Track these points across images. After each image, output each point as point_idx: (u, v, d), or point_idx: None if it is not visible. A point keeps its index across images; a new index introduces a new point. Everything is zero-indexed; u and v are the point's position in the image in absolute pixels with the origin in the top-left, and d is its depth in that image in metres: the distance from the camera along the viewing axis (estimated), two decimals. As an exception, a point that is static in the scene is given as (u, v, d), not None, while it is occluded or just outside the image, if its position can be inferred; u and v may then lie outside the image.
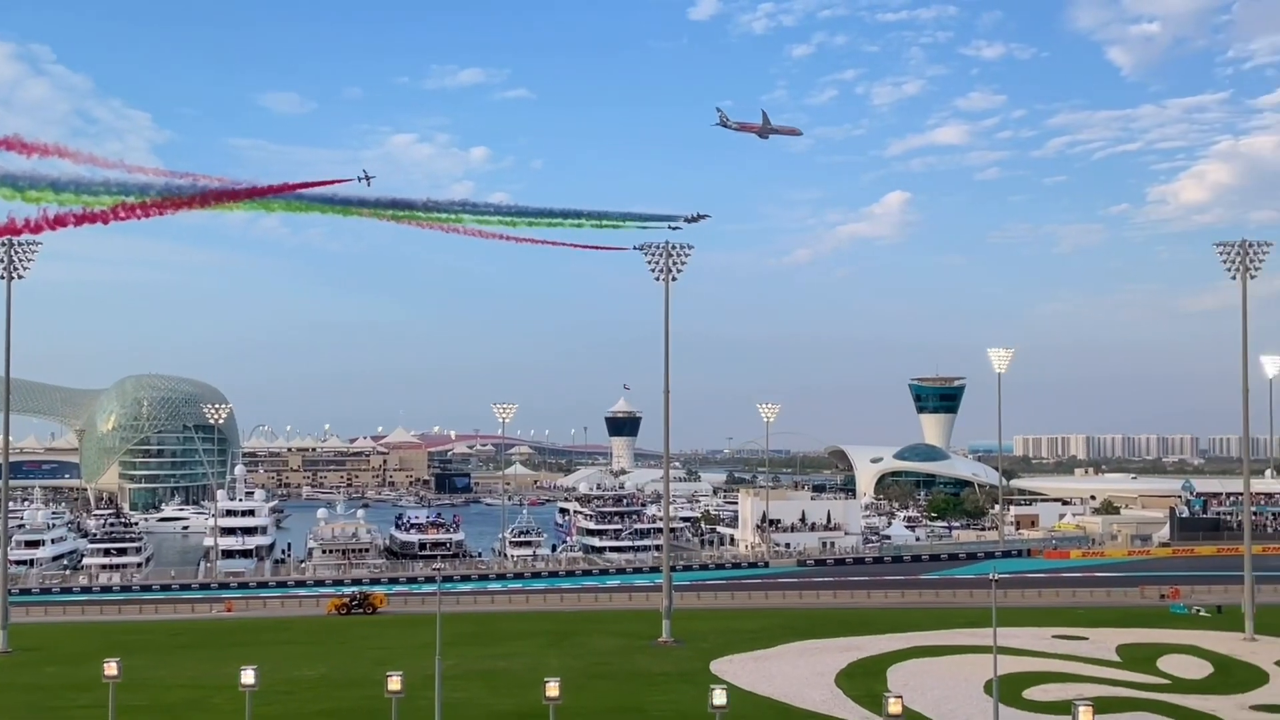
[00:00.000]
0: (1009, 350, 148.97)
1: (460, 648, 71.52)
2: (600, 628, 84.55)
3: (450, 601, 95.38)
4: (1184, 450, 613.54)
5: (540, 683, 46.54)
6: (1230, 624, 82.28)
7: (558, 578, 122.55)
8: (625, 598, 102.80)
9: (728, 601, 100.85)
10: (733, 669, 66.19)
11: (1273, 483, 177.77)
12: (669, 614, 79.70)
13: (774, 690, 60.64)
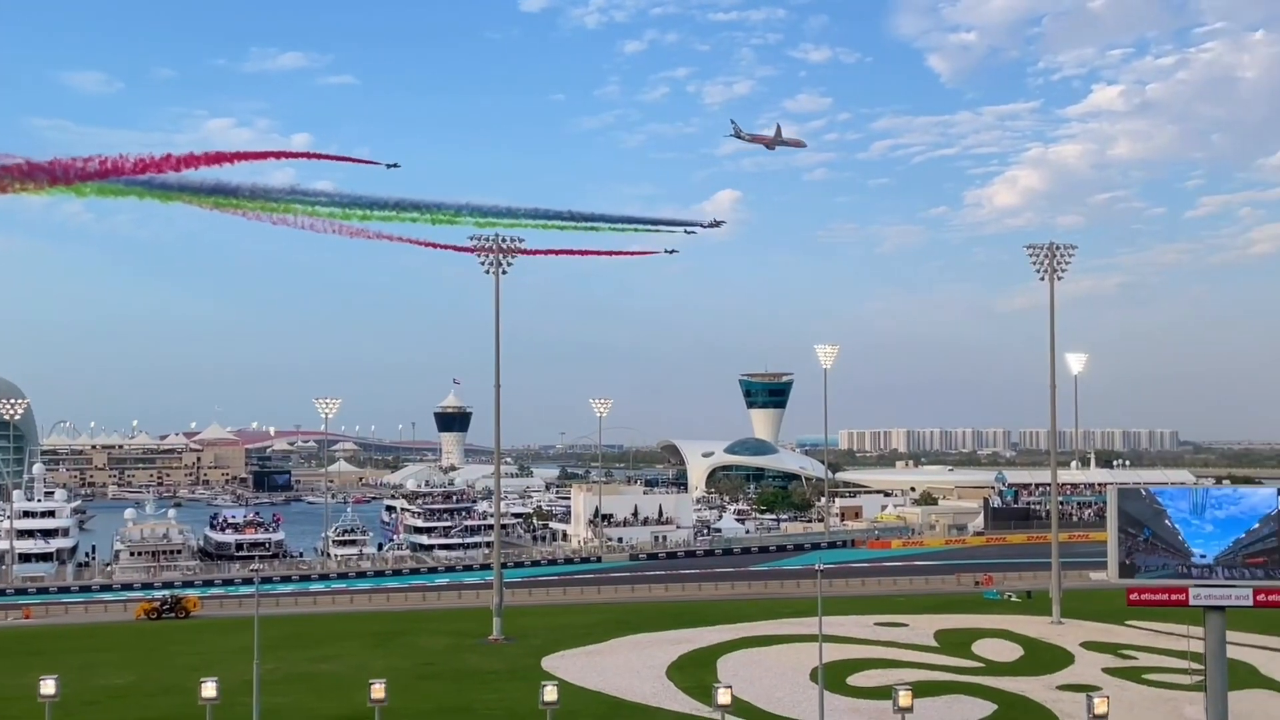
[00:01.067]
0: (834, 347, 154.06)
1: (280, 651, 69.18)
2: (428, 627, 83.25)
3: (269, 603, 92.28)
4: (997, 443, 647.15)
5: (365, 685, 45.50)
6: (1039, 608, 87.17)
7: (384, 577, 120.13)
8: (455, 596, 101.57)
9: (560, 597, 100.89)
10: (564, 665, 66.21)
11: (1078, 474, 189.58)
12: (500, 611, 79.11)
13: (605, 685, 60.94)
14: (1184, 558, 42.31)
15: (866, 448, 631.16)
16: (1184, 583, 43.07)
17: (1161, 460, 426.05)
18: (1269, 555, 41.93)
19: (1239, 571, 41.92)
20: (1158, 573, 42.37)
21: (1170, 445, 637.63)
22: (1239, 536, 42.35)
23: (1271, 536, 42.31)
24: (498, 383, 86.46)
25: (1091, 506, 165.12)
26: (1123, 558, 42.72)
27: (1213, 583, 42.79)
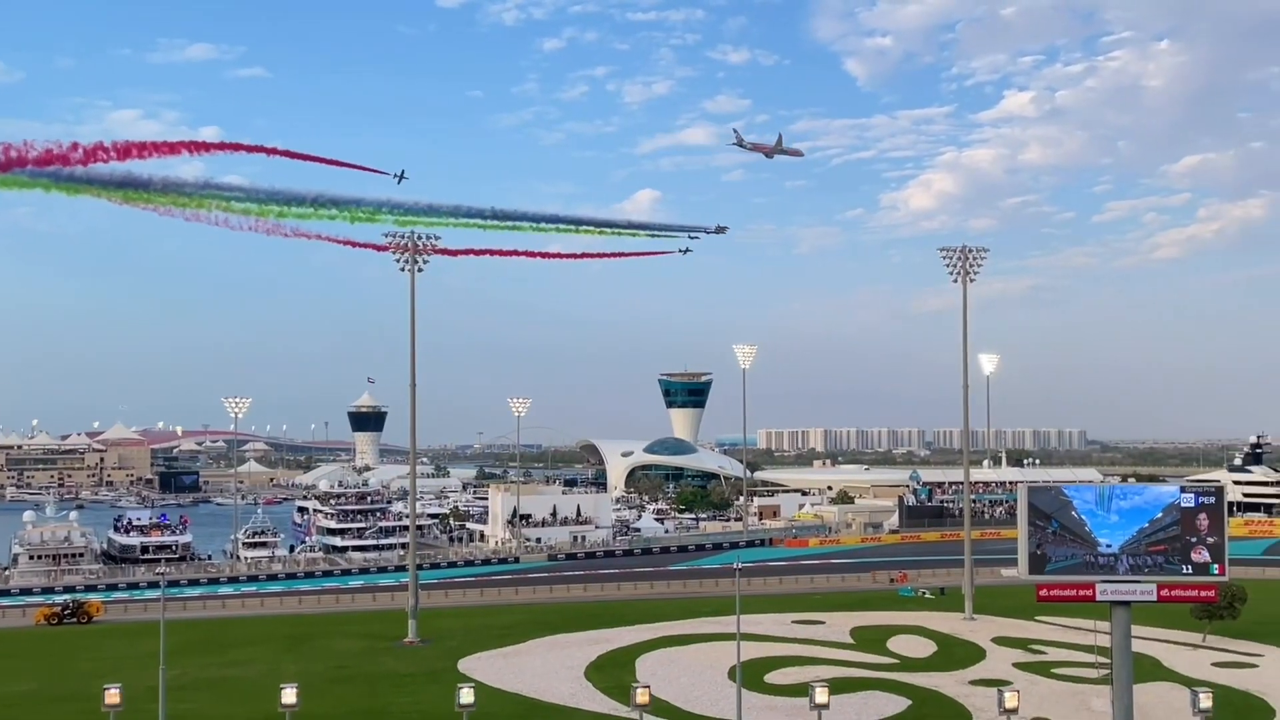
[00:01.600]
0: (753, 347, 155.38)
1: (187, 656, 67.68)
2: (342, 630, 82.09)
3: (176, 607, 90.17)
4: (912, 443, 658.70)
5: (276, 690, 44.78)
6: (952, 605, 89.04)
7: (296, 579, 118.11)
8: (369, 598, 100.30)
9: (477, 599, 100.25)
10: (481, 666, 65.85)
11: (990, 473, 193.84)
12: (415, 613, 78.37)
13: (523, 686, 60.76)
14: (1091, 547, 43.59)
15: (785, 447, 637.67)
16: (1091, 579, 44.27)
17: (1070, 459, 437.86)
18: (1169, 543, 43.50)
19: (1142, 559, 43.32)
20: (1066, 563, 43.57)
21: (1078, 444, 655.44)
22: (1142, 526, 43.89)
23: (1173, 525, 43.85)
24: (413, 382, 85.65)
25: (1003, 504, 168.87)
26: (1033, 549, 43.86)
27: (1119, 579, 44.04)
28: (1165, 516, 43.48)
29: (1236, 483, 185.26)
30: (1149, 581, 44.19)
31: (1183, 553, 43.09)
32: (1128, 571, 43.31)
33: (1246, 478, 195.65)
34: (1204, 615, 69.67)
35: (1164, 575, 43.15)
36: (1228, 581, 49.21)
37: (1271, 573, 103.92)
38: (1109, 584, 44.25)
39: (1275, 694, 57.55)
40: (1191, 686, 46.25)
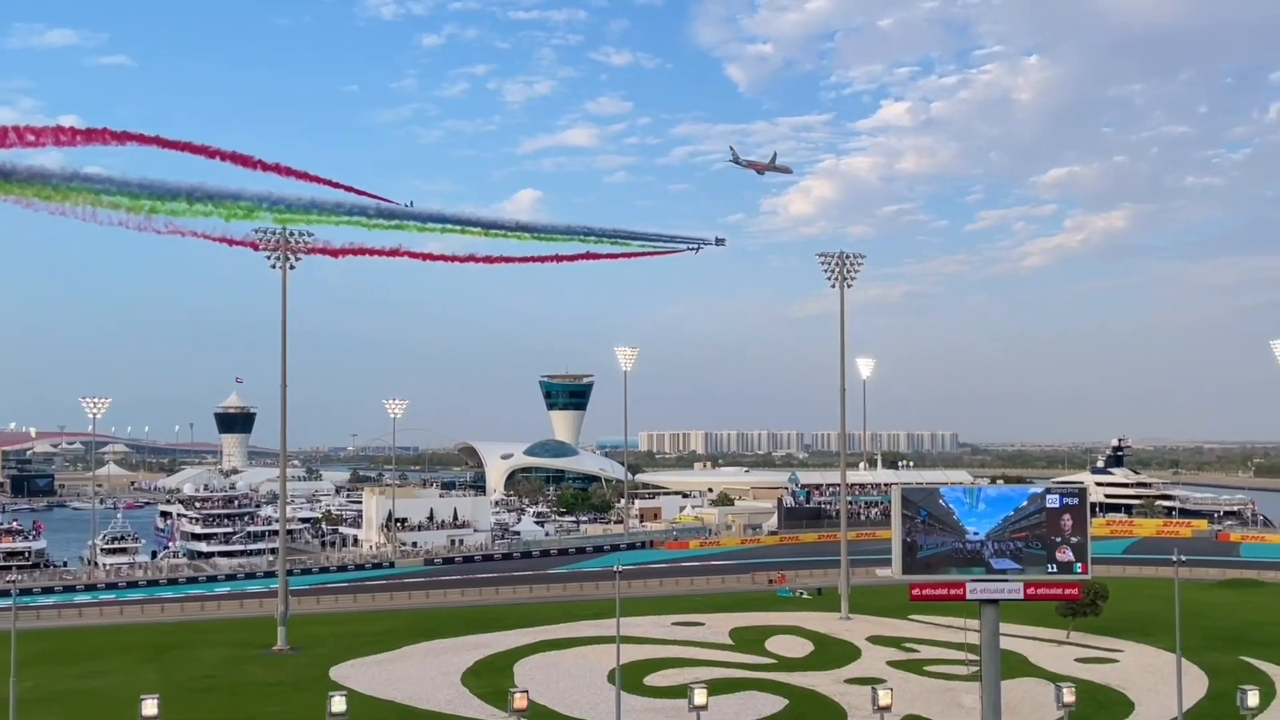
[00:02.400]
0: (634, 349, 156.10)
1: (41, 667, 64.94)
2: (208, 638, 79.70)
3: (28, 617, 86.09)
4: (791, 445, 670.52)
5: (136, 701, 43.22)
6: (829, 605, 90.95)
7: (158, 586, 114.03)
8: (236, 605, 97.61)
9: (350, 604, 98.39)
10: (354, 674, 64.71)
11: (866, 474, 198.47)
12: (284, 620, 76.60)
13: (397, 694, 59.92)
14: (959, 535, 45.23)
15: (666, 449, 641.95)
16: (961, 578, 45.76)
17: (943, 461, 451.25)
18: (1032, 530, 45.46)
19: (1006, 545, 45.19)
20: (935, 550, 45.20)
21: (951, 447, 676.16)
22: (1008, 514, 45.90)
23: (1037, 513, 45.91)
24: (284, 382, 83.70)
25: (878, 506, 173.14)
26: (904, 536, 45.32)
27: (987, 578, 45.63)
28: (1030, 505, 45.71)
29: (1099, 484, 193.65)
30: (1016, 580, 45.91)
31: (1043, 540, 45.08)
32: (993, 556, 45.05)
33: (1108, 479, 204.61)
34: (1068, 613, 72.60)
35: (1029, 568, 44.93)
36: (1090, 580, 51.45)
37: (1131, 571, 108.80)
38: (978, 583, 45.80)
39: (1134, 688, 60.33)
40: (1056, 682, 48.11)
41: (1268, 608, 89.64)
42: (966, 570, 44.99)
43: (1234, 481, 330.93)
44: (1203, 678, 61.26)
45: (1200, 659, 64.44)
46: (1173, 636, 50.92)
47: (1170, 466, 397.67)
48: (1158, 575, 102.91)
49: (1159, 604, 78.43)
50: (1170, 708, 51.20)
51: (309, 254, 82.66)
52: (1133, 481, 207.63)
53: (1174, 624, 50.40)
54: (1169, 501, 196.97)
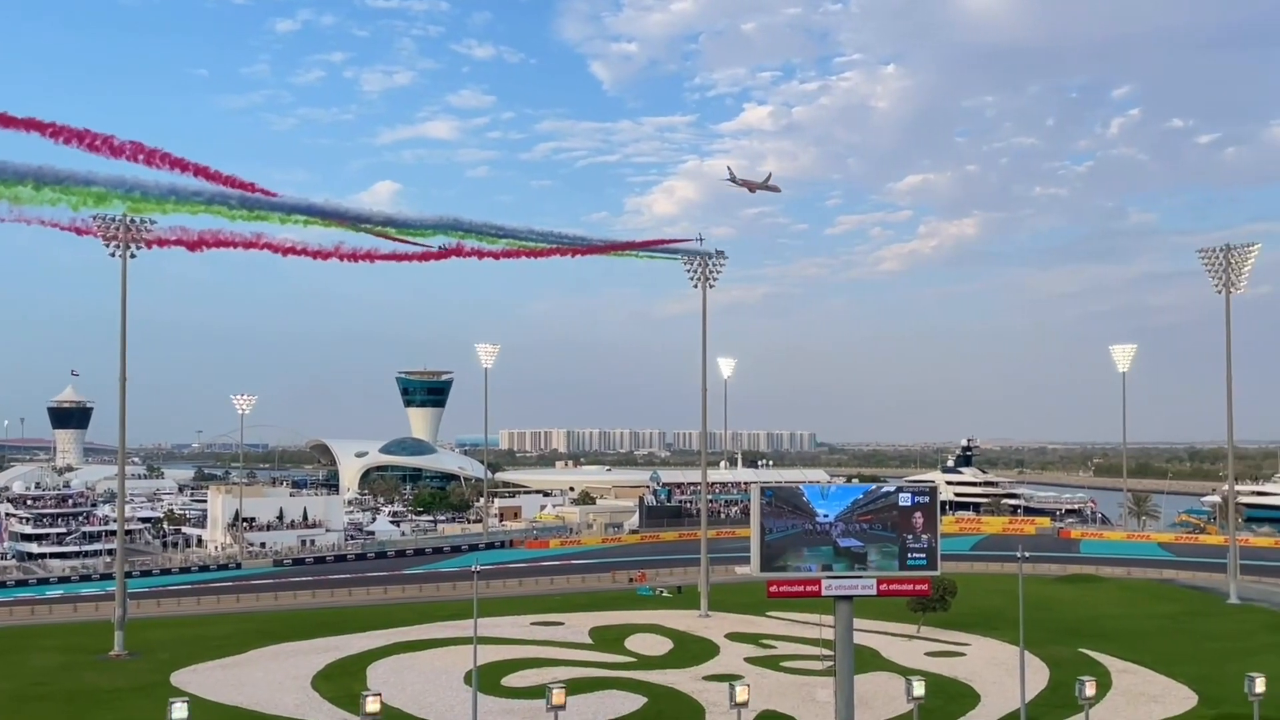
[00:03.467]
0: (495, 346, 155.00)
1: None
2: (39, 644, 75.92)
3: None
4: (653, 444, 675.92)
5: (-43, 712, 40.99)
6: (688, 603, 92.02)
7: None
8: (70, 609, 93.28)
9: (194, 607, 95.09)
10: (197, 679, 62.60)
11: (727, 473, 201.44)
12: (122, 624, 73.56)
13: (244, 699, 58.21)
14: (809, 517, 46.99)
15: (527, 448, 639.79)
16: (817, 575, 47.02)
17: (801, 460, 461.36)
18: (877, 514, 47.47)
19: (854, 526, 47.11)
20: (786, 533, 46.76)
21: (809, 446, 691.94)
22: (857, 498, 48.39)
23: (882, 498, 48.41)
24: (123, 375, 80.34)
25: (738, 504, 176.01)
26: (761, 528, 46.58)
27: (842, 575, 47.05)
28: (876, 489, 49.18)
29: (949, 483, 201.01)
30: (870, 577, 47.40)
31: (892, 526, 47.30)
32: (840, 536, 46.83)
33: (958, 478, 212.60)
34: (919, 608, 75.10)
35: (871, 545, 47.01)
36: (940, 576, 53.46)
37: (979, 567, 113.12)
38: (834, 579, 47.14)
39: (980, 680, 62.75)
40: (906, 675, 49.73)
41: (1105, 601, 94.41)
42: (816, 551, 46.69)
43: (1075, 481, 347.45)
44: (1044, 669, 64.10)
45: (1042, 651, 67.42)
46: (1017, 630, 53.18)
47: (1016, 466, 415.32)
48: (1003, 571, 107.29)
49: (1004, 599, 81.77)
50: (1014, 699, 53.45)
51: (163, 245, 78.98)
52: (980, 481, 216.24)
53: (1018, 618, 52.64)
54: (1014, 500, 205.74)
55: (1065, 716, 52.35)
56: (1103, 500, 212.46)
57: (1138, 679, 62.99)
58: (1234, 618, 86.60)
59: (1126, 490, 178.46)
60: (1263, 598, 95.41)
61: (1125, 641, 74.02)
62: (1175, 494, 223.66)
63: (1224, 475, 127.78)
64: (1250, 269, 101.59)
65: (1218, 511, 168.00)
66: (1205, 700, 57.16)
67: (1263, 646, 72.72)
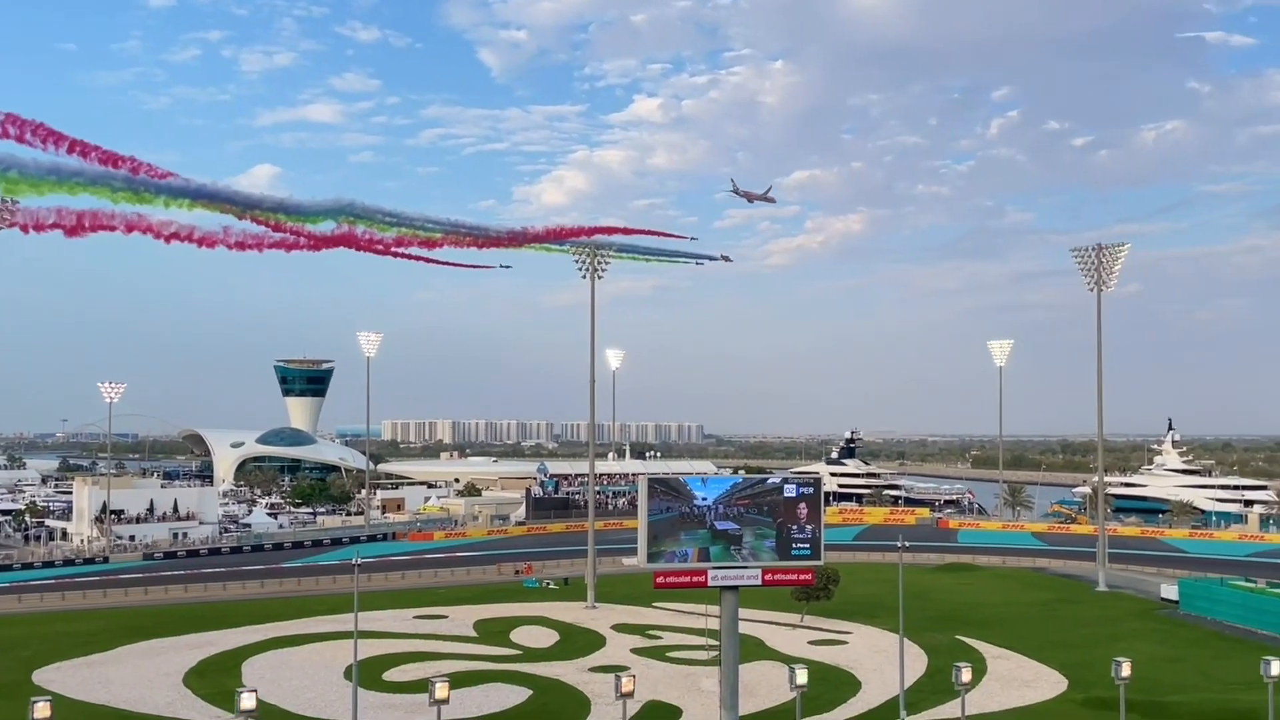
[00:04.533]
0: (378, 335, 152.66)
1: None
2: (-116, 645, 72.36)
3: None
4: (541, 435, 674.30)
5: None
6: (575, 595, 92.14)
7: None
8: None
9: (58, 603, 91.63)
10: (60, 677, 60.42)
11: (615, 465, 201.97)
12: (-20, 622, 70.60)
13: (111, 697, 56.39)
14: (688, 500, 47.83)
15: (411, 439, 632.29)
16: (703, 565, 47.61)
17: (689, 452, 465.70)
18: (753, 498, 48.59)
19: (733, 509, 48.10)
20: (664, 515, 47.49)
21: (697, 438, 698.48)
22: (736, 483, 50.28)
23: (760, 483, 50.11)
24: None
25: (626, 496, 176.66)
26: (648, 518, 47.25)
27: (728, 565, 47.73)
28: (751, 480, 51.39)
29: (833, 474, 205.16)
30: (755, 567, 48.14)
31: (766, 512, 48.38)
32: (717, 519, 47.74)
33: (841, 469, 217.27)
34: (803, 597, 76.41)
35: (747, 529, 48.12)
36: (824, 566, 54.49)
37: (861, 556, 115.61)
38: (719, 570, 47.76)
39: (861, 667, 64.24)
40: (790, 664, 50.53)
41: (981, 589, 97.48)
42: (693, 534, 47.50)
43: (953, 473, 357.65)
44: (923, 657, 65.91)
45: (921, 639, 69.29)
46: (897, 618, 54.55)
47: (897, 458, 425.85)
48: (884, 560, 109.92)
49: (885, 587, 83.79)
50: (893, 686, 54.85)
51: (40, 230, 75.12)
52: (863, 472, 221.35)
53: (898, 606, 54.02)
54: (895, 491, 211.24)
55: (942, 702, 53.92)
56: (980, 491, 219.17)
57: (1011, 664, 65.22)
58: (1102, 604, 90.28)
59: (1002, 482, 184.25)
60: (1129, 585, 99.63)
61: (1000, 628, 76.58)
62: (1048, 485, 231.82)
63: (1094, 467, 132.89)
64: (1120, 268, 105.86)
65: (1088, 502, 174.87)
66: (1075, 684, 59.47)
67: (1128, 632, 76.02)
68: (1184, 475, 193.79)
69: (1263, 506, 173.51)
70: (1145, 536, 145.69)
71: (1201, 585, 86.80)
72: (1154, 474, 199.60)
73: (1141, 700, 51.79)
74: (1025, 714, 54.11)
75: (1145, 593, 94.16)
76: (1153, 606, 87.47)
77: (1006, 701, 56.25)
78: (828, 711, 53.91)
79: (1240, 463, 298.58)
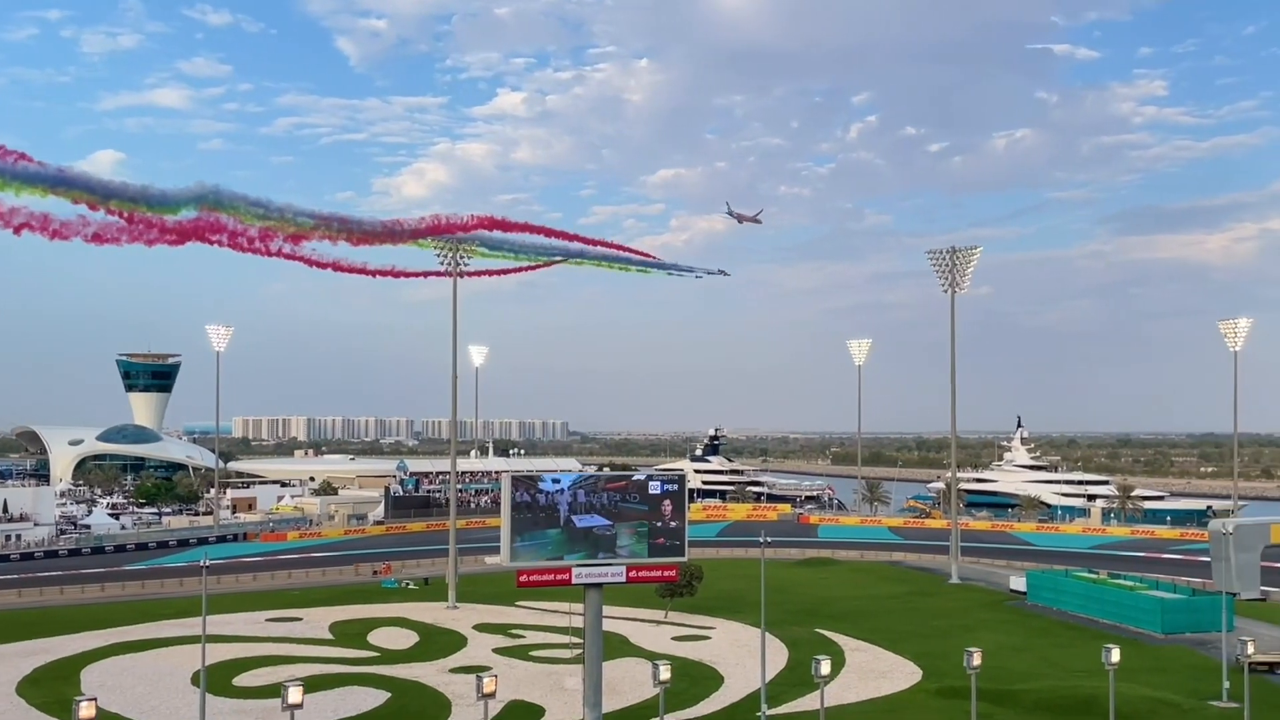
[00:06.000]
0: (229, 329, 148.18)
1: None
2: None
3: None
4: (400, 432, 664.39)
5: None
6: (436, 595, 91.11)
7: None
8: None
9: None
10: (-122, 692, 56.98)
11: (477, 462, 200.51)
12: None
13: (-65, 711, 53.46)
14: (552, 498, 47.92)
15: (264, 436, 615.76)
16: (567, 563, 47.68)
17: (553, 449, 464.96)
18: (618, 495, 48.77)
19: (597, 507, 48.30)
20: (529, 513, 47.43)
21: (561, 435, 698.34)
22: (600, 480, 50.43)
23: (625, 480, 50.32)
24: None
25: (489, 494, 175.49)
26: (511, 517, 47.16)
27: (592, 563, 47.90)
28: (616, 476, 52.01)
29: (697, 471, 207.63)
30: (619, 564, 48.43)
31: (630, 510, 48.75)
32: (582, 516, 47.95)
33: (706, 467, 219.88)
34: (667, 594, 77.20)
35: (623, 533, 48.42)
36: (688, 562, 55.16)
37: (725, 552, 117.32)
38: (584, 567, 47.90)
39: (724, 662, 65.17)
40: (653, 660, 50.95)
41: (840, 583, 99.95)
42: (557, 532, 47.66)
43: (815, 469, 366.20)
44: (784, 650, 67.25)
45: (782, 632, 70.71)
46: (759, 612, 55.53)
47: (760, 455, 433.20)
48: (747, 556, 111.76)
49: (748, 582, 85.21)
50: (755, 679, 55.81)
51: None
52: (727, 469, 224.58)
53: (760, 601, 54.96)
54: (758, 487, 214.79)
55: (802, 695, 55.11)
56: (840, 487, 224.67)
57: (869, 656, 67.06)
58: (955, 596, 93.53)
59: (861, 478, 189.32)
60: (980, 577, 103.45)
61: (858, 621, 78.66)
62: (904, 481, 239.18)
63: (948, 463, 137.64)
64: (973, 270, 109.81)
65: (941, 497, 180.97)
66: (929, 674, 61.48)
67: (979, 623, 78.95)
68: (1032, 471, 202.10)
69: (1104, 501, 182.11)
70: (996, 530, 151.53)
71: (1047, 577, 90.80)
72: (1004, 470, 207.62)
73: (991, 689, 53.84)
74: (881, 704, 55.70)
75: (995, 585, 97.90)
76: (1002, 598, 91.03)
77: (864, 693, 57.79)
78: (691, 707, 54.53)
79: (1084, 459, 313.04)
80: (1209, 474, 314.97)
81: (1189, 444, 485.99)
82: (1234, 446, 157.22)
